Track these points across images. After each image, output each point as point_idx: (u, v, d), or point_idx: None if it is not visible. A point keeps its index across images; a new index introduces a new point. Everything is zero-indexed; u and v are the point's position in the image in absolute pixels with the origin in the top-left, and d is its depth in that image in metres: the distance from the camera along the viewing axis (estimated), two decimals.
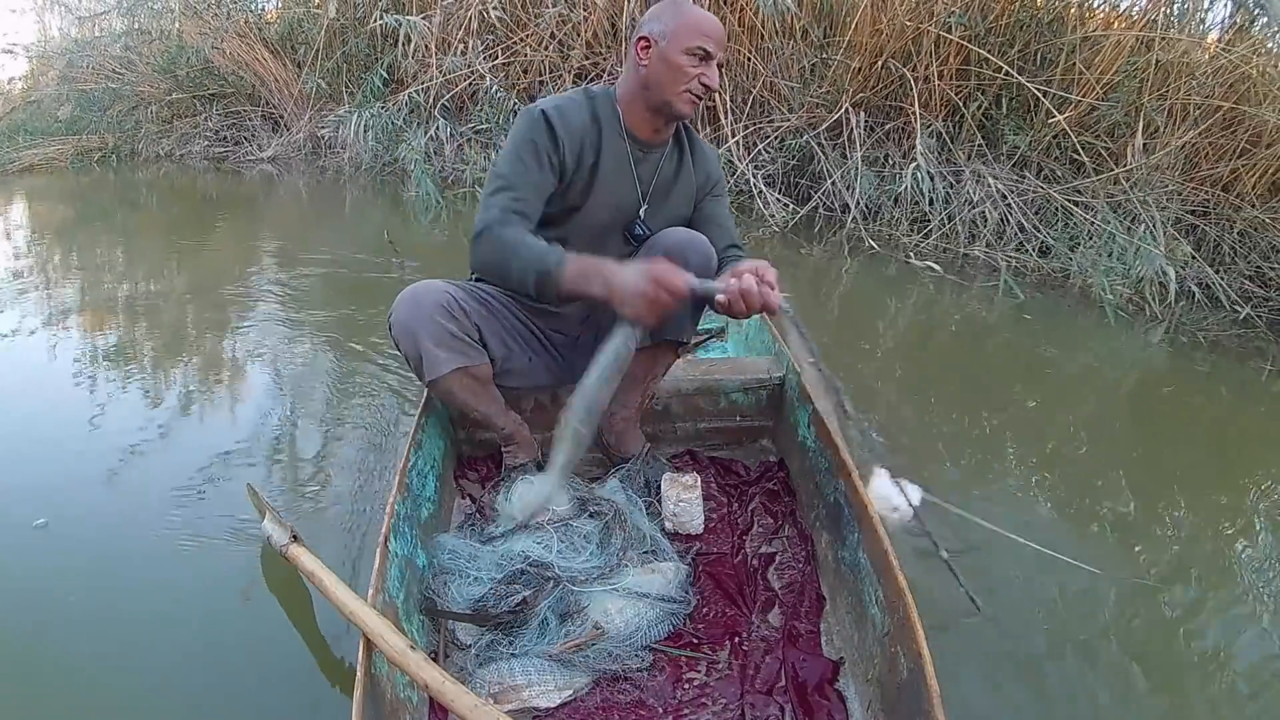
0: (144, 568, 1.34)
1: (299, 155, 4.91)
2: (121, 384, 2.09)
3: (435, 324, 1.23)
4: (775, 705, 1.02)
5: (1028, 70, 3.76)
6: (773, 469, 1.57)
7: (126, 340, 2.43)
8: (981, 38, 3.79)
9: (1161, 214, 3.33)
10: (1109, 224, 3.31)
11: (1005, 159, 3.78)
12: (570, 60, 4.29)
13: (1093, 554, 1.47)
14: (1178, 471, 1.92)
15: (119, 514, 1.48)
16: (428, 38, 4.41)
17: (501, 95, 4.26)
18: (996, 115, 3.80)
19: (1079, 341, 2.75)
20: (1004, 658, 1.20)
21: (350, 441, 1.78)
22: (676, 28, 1.21)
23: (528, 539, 1.22)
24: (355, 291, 2.88)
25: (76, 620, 1.21)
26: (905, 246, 3.62)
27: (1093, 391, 2.38)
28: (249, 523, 1.39)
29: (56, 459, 1.69)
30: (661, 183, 1.34)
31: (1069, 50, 3.68)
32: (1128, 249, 3.18)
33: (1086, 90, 3.65)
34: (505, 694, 1.00)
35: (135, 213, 4.10)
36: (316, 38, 4.80)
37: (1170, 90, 3.55)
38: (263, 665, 1.14)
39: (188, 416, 1.90)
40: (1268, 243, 3.37)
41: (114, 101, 5.44)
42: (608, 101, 1.30)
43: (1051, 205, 3.58)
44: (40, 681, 1.10)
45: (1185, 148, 3.50)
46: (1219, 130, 3.50)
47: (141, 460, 1.68)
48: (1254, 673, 1.25)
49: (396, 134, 4.44)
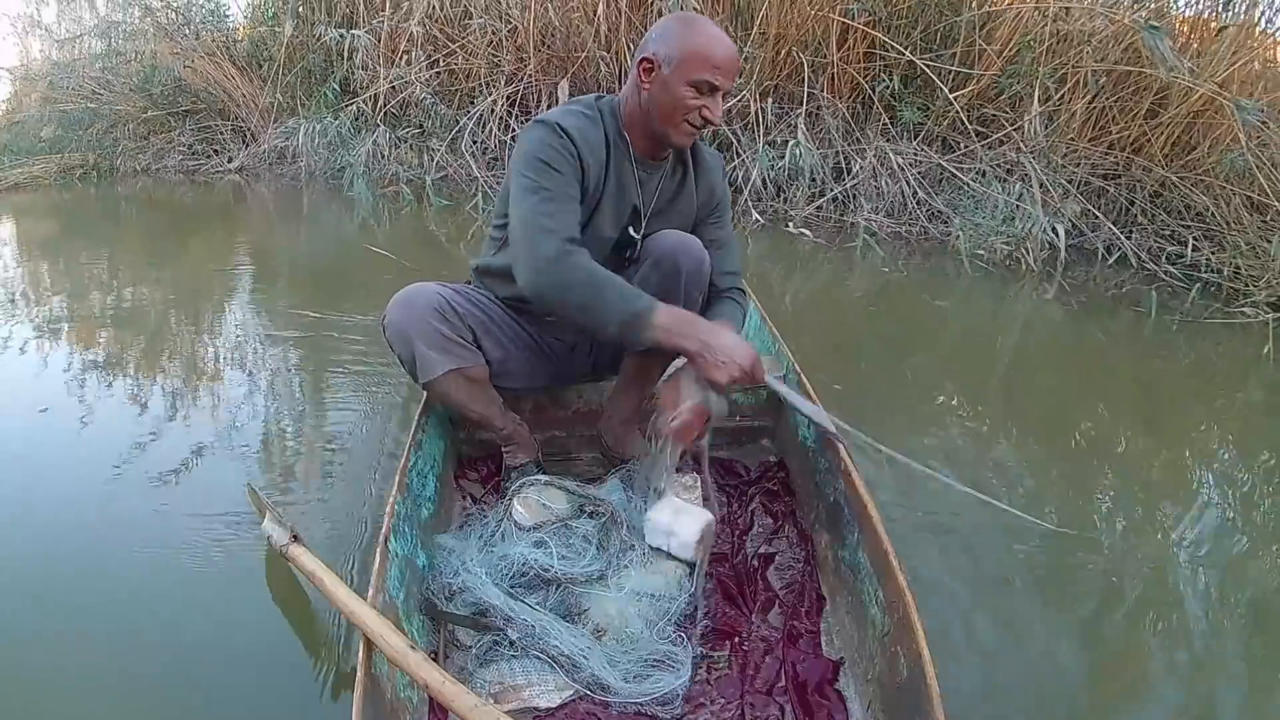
0: (143, 568, 1.34)
1: (264, 165, 5.27)
2: (116, 387, 2.09)
3: (429, 326, 1.23)
4: (775, 705, 1.02)
5: (933, 49, 3.94)
6: (773, 469, 1.57)
7: (118, 347, 2.42)
8: (884, 21, 3.98)
9: (1054, 176, 3.57)
10: (990, 187, 3.58)
11: (911, 134, 3.99)
12: (501, 67, 4.57)
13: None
14: (1052, 406, 2.17)
15: (118, 514, 1.48)
16: (374, 51, 4.72)
17: (431, 102, 4.61)
18: (903, 94, 4.00)
19: (960, 295, 3.06)
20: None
21: (350, 441, 1.78)
22: (684, 55, 1.12)
23: (527, 540, 1.22)
24: (344, 291, 2.90)
25: (75, 621, 1.21)
26: (790, 218, 3.85)
27: (983, 342, 2.67)
28: (249, 522, 1.39)
29: (54, 459, 1.69)
30: (662, 200, 1.31)
31: (969, 27, 3.85)
32: (1005, 210, 3.46)
33: (988, 64, 3.83)
34: (505, 694, 1.00)
35: (117, 225, 4.39)
36: (278, 54, 5.14)
37: (1069, 58, 3.69)
38: (263, 665, 1.14)
39: (186, 417, 1.90)
40: (1181, 201, 3.53)
41: (93, 121, 5.68)
42: (614, 119, 1.25)
43: (945, 174, 3.84)
44: (40, 682, 1.10)
45: (1090, 112, 3.68)
46: (1129, 94, 3.66)
47: (139, 461, 1.68)
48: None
49: (344, 142, 4.78)
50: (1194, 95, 3.40)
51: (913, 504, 1.54)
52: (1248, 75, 3.60)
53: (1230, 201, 3.35)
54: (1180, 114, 3.52)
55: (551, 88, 4.46)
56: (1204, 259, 3.25)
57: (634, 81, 1.20)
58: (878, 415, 1.92)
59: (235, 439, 1.78)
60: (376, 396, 1.98)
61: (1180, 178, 3.50)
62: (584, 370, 1.50)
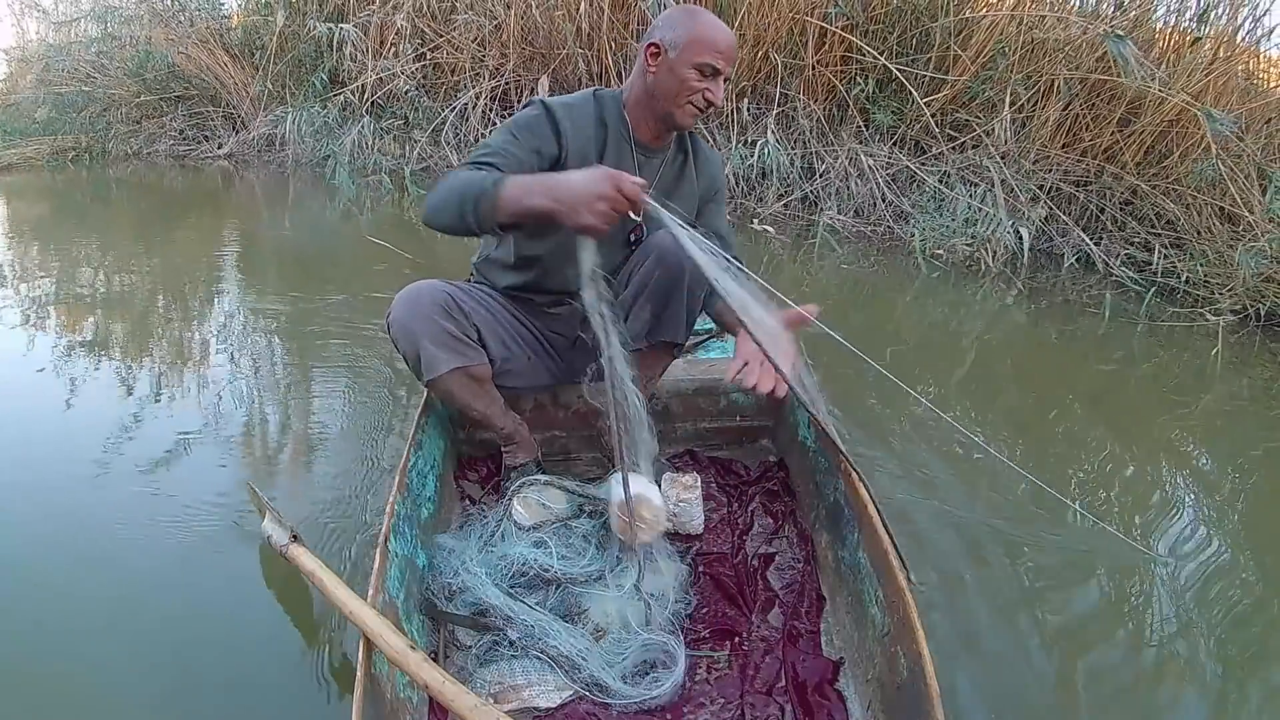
0: (142, 568, 1.34)
1: (253, 152, 5.38)
2: (112, 383, 2.09)
3: (433, 323, 1.23)
4: (775, 705, 1.02)
5: (908, 54, 4.03)
6: (773, 469, 1.57)
7: (114, 338, 2.43)
8: (861, 26, 4.06)
9: (1024, 181, 3.68)
10: (954, 190, 3.70)
11: (885, 137, 4.08)
12: (485, 62, 4.71)
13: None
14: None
15: (117, 514, 1.47)
16: (362, 43, 4.86)
17: (415, 94, 4.77)
18: (877, 98, 4.08)
19: (915, 293, 3.14)
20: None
21: (350, 441, 1.78)
22: (688, 40, 1.19)
23: (527, 540, 1.22)
24: (336, 279, 2.94)
25: (74, 621, 1.21)
26: (758, 215, 3.93)
27: (936, 339, 2.71)
28: (249, 522, 1.39)
29: (52, 459, 1.69)
30: (663, 186, 1.34)
31: (944, 33, 3.95)
32: (969, 212, 3.58)
33: (963, 70, 3.89)
34: (505, 694, 1.00)
35: (107, 208, 4.50)
36: (270, 43, 5.25)
37: (1042, 66, 3.79)
38: (263, 665, 1.14)
39: (184, 416, 1.89)
40: (1153, 209, 3.59)
41: (87, 104, 5.78)
42: (614, 104, 1.30)
43: (914, 177, 3.95)
44: (39, 683, 1.10)
45: (1064, 119, 3.76)
46: (1103, 103, 3.72)
47: (138, 461, 1.67)
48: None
49: (330, 131, 4.92)
50: (1167, 105, 3.46)
51: (913, 504, 1.55)
52: (1224, 87, 3.63)
53: (1202, 211, 3.40)
54: (1153, 123, 3.57)
55: (532, 83, 4.62)
56: (1170, 266, 3.30)
57: (640, 66, 1.25)
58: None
59: (235, 439, 1.78)
60: (377, 396, 1.98)
61: (1152, 186, 3.56)
62: (584, 368, 1.50)
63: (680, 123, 1.25)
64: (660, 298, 1.27)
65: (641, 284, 1.29)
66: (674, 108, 1.23)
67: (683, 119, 1.24)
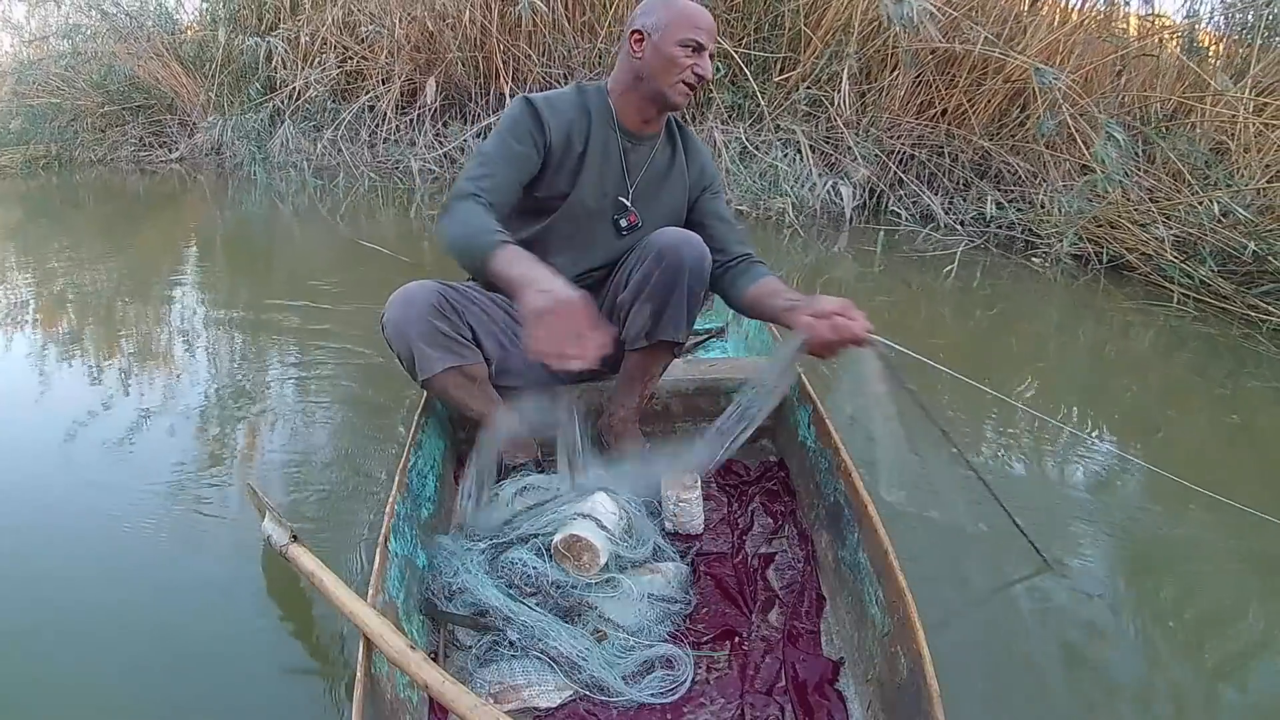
0: (141, 568, 1.34)
1: (202, 156, 5.87)
2: (108, 384, 2.09)
3: (427, 324, 1.24)
4: (775, 705, 1.02)
5: (765, 38, 4.52)
6: (773, 469, 1.57)
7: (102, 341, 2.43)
8: (722, 16, 4.46)
9: (869, 149, 4.19)
10: (771, 154, 4.26)
11: (746, 118, 4.51)
12: (394, 68, 5.28)
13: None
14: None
15: (115, 514, 1.47)
16: (289, 55, 5.48)
17: (324, 99, 5.42)
18: (721, 82, 4.49)
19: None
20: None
21: (350, 441, 1.78)
22: (670, 21, 1.24)
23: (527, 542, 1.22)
24: (322, 285, 2.92)
25: (73, 622, 1.21)
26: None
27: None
28: (248, 522, 1.39)
29: (49, 459, 1.68)
30: (652, 174, 1.36)
31: (793, 15, 4.39)
32: (789, 175, 4.12)
33: (813, 50, 4.36)
34: (505, 694, 1.00)
35: (78, 210, 4.83)
36: (217, 55, 5.74)
37: (886, 40, 4.22)
38: (262, 665, 1.14)
39: (183, 416, 1.89)
40: (1002, 166, 4.10)
41: (56, 115, 6.20)
42: (599, 94, 1.33)
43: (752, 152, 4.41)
44: (38, 684, 1.10)
45: (916, 88, 4.26)
46: (956, 70, 4.17)
47: (136, 461, 1.67)
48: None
49: (258, 135, 5.52)
50: (1008, 66, 3.95)
51: (913, 504, 1.54)
52: (1070, 46, 4.11)
53: (1061, 166, 3.91)
54: (998, 85, 4.06)
55: (423, 85, 5.20)
56: (1014, 220, 3.81)
57: (625, 54, 1.29)
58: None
59: (235, 440, 1.78)
60: (377, 396, 1.98)
61: (1003, 146, 4.11)
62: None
63: (673, 100, 1.27)
64: (660, 297, 1.28)
65: (641, 283, 1.29)
66: (665, 86, 1.26)
67: (675, 96, 1.27)
